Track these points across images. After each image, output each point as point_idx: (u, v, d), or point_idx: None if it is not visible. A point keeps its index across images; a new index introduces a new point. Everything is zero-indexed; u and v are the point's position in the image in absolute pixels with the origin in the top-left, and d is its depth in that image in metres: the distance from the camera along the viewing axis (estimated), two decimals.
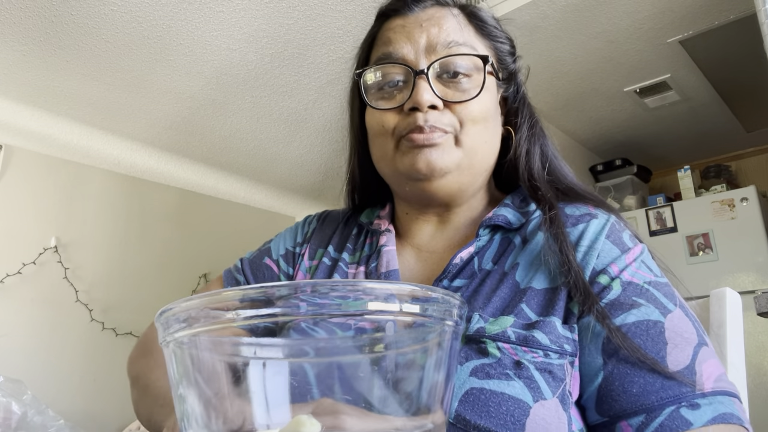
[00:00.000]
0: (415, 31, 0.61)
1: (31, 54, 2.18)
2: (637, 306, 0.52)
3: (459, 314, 0.36)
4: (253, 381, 0.32)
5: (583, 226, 0.58)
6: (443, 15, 0.62)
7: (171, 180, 3.56)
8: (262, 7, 1.97)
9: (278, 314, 0.31)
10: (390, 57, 0.61)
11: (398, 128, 0.60)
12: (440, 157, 0.58)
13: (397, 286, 0.32)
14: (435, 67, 0.59)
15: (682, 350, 0.50)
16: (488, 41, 0.65)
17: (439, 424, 0.34)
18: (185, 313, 0.32)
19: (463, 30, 0.62)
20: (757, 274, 2.39)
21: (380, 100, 0.62)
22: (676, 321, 0.52)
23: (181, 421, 0.34)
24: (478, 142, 0.61)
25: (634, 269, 0.55)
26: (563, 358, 0.51)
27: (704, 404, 0.47)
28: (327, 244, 0.72)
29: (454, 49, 0.60)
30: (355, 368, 0.33)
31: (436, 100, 0.58)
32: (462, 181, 0.62)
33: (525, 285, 0.55)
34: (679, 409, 0.47)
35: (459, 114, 0.59)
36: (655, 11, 1.96)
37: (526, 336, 0.51)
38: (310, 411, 0.33)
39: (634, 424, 0.48)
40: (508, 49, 0.68)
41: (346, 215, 0.76)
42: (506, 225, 0.61)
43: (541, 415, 0.48)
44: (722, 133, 3.04)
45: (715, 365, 0.50)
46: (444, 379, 0.35)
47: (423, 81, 0.58)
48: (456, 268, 0.60)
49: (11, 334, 2.77)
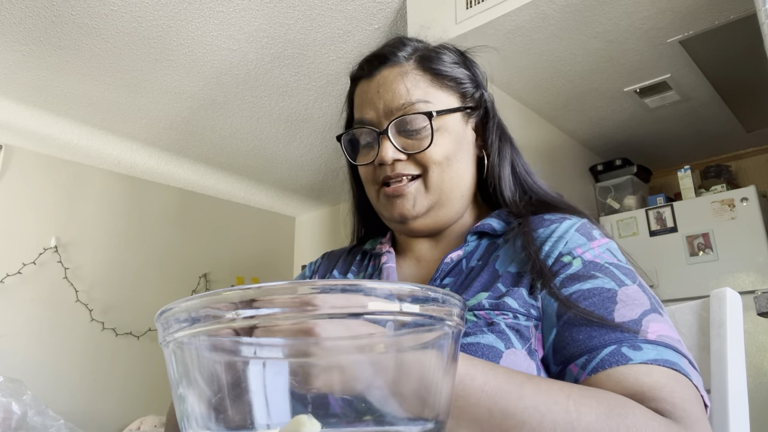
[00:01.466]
0: (374, 97, 0.70)
1: (31, 54, 2.18)
2: (595, 278, 0.58)
3: (459, 314, 0.36)
4: (253, 381, 0.32)
5: (557, 225, 0.65)
6: (395, 78, 0.70)
7: (171, 180, 3.56)
8: (262, 7, 1.97)
9: (278, 314, 0.31)
10: (361, 121, 0.72)
11: (375, 180, 0.72)
12: (411, 207, 0.69)
13: (397, 286, 0.32)
14: (392, 127, 0.69)
15: (630, 310, 0.54)
16: (446, 84, 0.72)
17: (440, 424, 0.34)
18: (185, 313, 0.32)
19: (414, 88, 0.69)
20: (757, 274, 2.39)
21: (360, 156, 0.73)
22: (631, 292, 0.56)
23: (181, 421, 0.34)
24: (445, 179, 0.69)
25: (597, 252, 0.61)
26: (529, 320, 0.58)
27: (647, 348, 0.50)
28: (332, 270, 0.81)
29: (407, 109, 0.68)
30: (355, 368, 0.33)
31: (398, 155, 0.68)
32: (439, 216, 0.71)
33: (502, 271, 0.63)
34: (621, 347, 0.51)
35: (421, 161, 0.68)
36: (655, 11, 1.96)
37: (498, 303, 0.58)
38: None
39: (579, 363, 0.53)
40: (468, 83, 0.74)
41: (347, 249, 0.86)
42: (491, 231, 0.69)
43: (512, 360, 0.54)
44: (722, 133, 3.04)
45: (665, 328, 0.53)
46: (444, 379, 0.35)
47: (385, 140, 0.68)
48: (447, 267, 0.68)
49: (11, 334, 2.77)
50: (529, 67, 2.28)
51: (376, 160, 0.69)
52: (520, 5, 1.88)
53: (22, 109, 2.62)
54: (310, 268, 0.86)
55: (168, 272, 3.48)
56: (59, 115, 2.69)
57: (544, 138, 2.73)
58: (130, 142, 3.00)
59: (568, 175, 2.88)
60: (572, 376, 0.53)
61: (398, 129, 0.69)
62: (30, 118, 2.70)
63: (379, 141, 0.69)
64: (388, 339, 0.33)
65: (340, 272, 0.80)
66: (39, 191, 3.01)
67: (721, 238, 2.51)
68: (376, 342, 0.33)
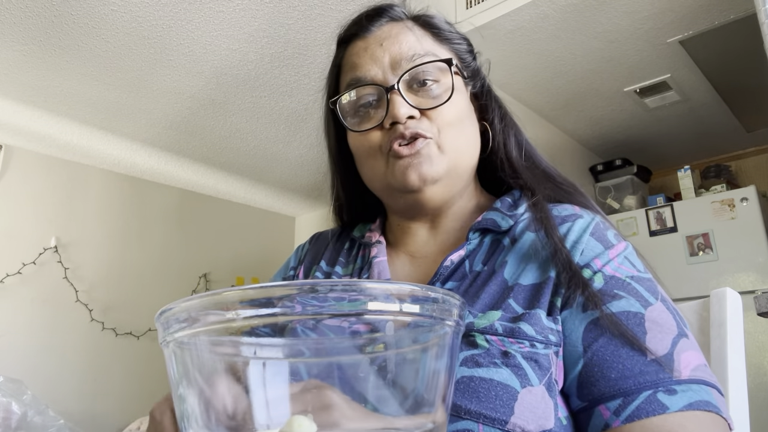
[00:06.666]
0: (377, 51, 0.64)
1: (31, 54, 2.18)
2: (619, 298, 0.54)
3: (459, 314, 0.36)
4: (253, 381, 0.32)
5: (569, 225, 0.60)
6: (399, 30, 0.65)
7: (171, 180, 3.56)
8: (262, 7, 1.97)
9: (278, 314, 0.31)
10: (360, 80, 0.64)
11: (383, 145, 0.63)
12: (430, 168, 0.61)
13: (397, 286, 0.32)
14: (404, 79, 0.62)
15: (660, 340, 0.51)
16: (447, 45, 0.68)
17: (440, 423, 0.34)
18: (185, 313, 0.32)
19: (421, 41, 0.64)
20: (757, 274, 2.39)
21: (359, 123, 0.65)
22: (656, 314, 0.53)
23: (181, 421, 0.34)
24: (459, 144, 0.64)
25: (617, 264, 0.57)
26: (548, 348, 0.53)
27: (681, 390, 0.48)
28: (319, 260, 0.75)
29: (417, 60, 0.62)
30: (355, 368, 0.33)
31: (412, 111, 0.61)
32: (451, 187, 0.65)
33: (513, 282, 0.57)
34: (656, 393, 0.48)
35: (435, 120, 0.62)
36: (655, 11, 1.96)
37: (513, 328, 0.53)
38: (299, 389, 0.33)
39: (612, 407, 0.49)
40: (466, 48, 0.70)
41: (336, 232, 0.79)
42: (495, 228, 0.63)
43: (528, 400, 0.49)
44: (722, 133, 3.04)
45: (694, 356, 0.51)
46: (444, 379, 0.35)
47: (396, 96, 0.61)
48: (447, 270, 0.61)
49: (11, 334, 2.76)
50: (529, 67, 2.28)
51: (385, 121, 0.62)
52: (520, 5, 1.88)
53: (22, 109, 2.62)
54: (297, 255, 0.80)
55: (168, 272, 3.48)
56: (59, 115, 2.68)
57: (544, 138, 2.73)
58: (130, 142, 3.00)
59: (567, 175, 2.88)
60: (602, 419, 0.50)
61: (410, 82, 0.63)
62: (30, 118, 2.70)
63: (388, 98, 0.61)
64: (388, 339, 0.33)
65: (327, 262, 0.74)
66: (39, 191, 3.01)
67: (721, 238, 2.51)
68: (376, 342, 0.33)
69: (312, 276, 0.73)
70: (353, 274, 0.70)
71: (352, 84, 0.64)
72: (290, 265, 0.79)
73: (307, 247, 0.80)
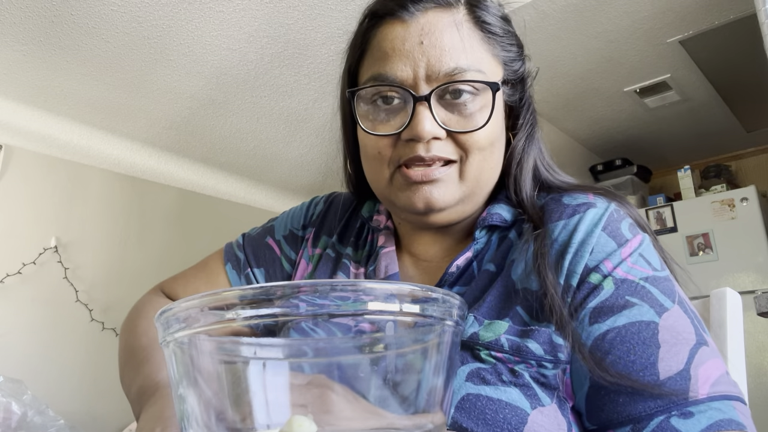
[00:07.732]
0: (415, 49, 0.53)
1: (31, 54, 2.18)
2: (630, 306, 0.49)
3: (459, 314, 0.36)
4: (253, 381, 0.32)
5: (579, 217, 0.54)
6: (445, 26, 0.54)
7: (171, 180, 3.56)
8: (262, 7, 1.97)
9: (278, 314, 0.31)
10: (386, 79, 0.54)
11: (393, 158, 0.55)
12: (441, 196, 0.54)
13: (397, 287, 0.32)
14: (436, 93, 0.53)
15: (675, 354, 0.47)
16: (496, 49, 0.58)
17: (439, 424, 0.34)
18: (185, 313, 0.32)
19: (466, 45, 0.54)
20: (757, 274, 2.39)
21: (372, 122, 0.56)
22: (672, 320, 0.48)
23: (181, 421, 0.34)
24: (483, 170, 0.56)
25: (630, 265, 0.51)
26: (557, 367, 0.49)
27: (698, 412, 0.44)
28: (332, 233, 0.69)
29: (458, 76, 0.53)
30: (355, 368, 0.33)
31: (438, 130, 0.52)
32: (463, 210, 0.58)
33: (521, 285, 0.52)
34: (669, 419, 0.44)
35: (464, 143, 0.54)
36: (655, 11, 1.96)
37: (520, 345, 0.48)
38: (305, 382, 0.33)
39: None
40: (515, 53, 0.61)
41: (353, 204, 0.72)
42: (502, 224, 0.58)
43: (539, 422, 0.46)
44: (722, 133, 3.04)
45: (714, 367, 0.47)
46: (444, 380, 0.35)
47: (424, 108, 0.52)
48: (453, 276, 0.57)
49: (11, 334, 2.77)
50: None
51: (404, 133, 0.53)
52: (519, 5, 1.88)
53: (22, 109, 2.62)
54: (309, 213, 0.75)
55: (168, 272, 3.47)
56: (59, 115, 2.69)
57: (544, 138, 2.73)
58: (130, 142, 3.01)
59: (567, 175, 2.88)
60: None
61: (441, 94, 0.53)
62: (30, 118, 2.70)
63: (414, 109, 0.52)
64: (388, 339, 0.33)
65: (339, 240, 0.69)
66: (39, 191, 3.01)
67: (721, 238, 2.51)
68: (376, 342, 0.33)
69: (322, 248, 0.70)
70: (361, 261, 0.66)
71: (377, 79, 0.55)
72: (302, 222, 0.74)
73: (321, 208, 0.74)
